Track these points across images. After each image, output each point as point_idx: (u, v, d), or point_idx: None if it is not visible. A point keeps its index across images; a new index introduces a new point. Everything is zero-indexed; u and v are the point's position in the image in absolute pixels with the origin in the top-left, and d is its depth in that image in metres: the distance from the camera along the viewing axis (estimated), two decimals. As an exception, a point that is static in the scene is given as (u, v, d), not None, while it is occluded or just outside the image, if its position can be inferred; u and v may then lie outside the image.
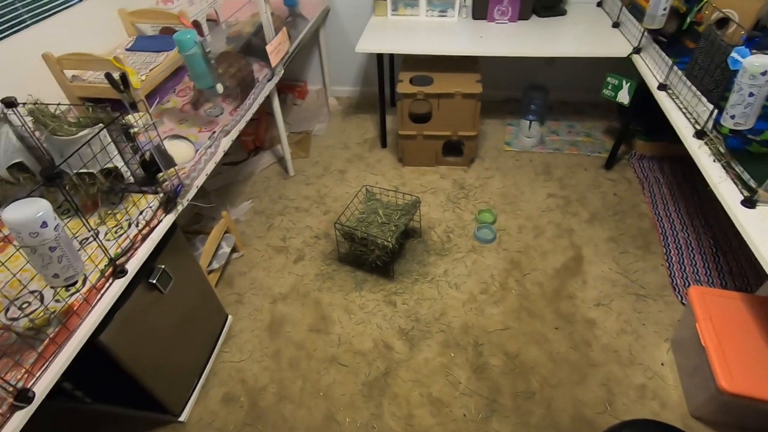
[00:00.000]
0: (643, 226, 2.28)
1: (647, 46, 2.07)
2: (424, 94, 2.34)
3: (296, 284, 2.09)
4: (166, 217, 1.39)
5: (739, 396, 1.34)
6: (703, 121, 1.54)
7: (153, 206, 1.36)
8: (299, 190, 2.62)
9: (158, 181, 1.38)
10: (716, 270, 2.03)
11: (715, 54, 1.50)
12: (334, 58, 3.24)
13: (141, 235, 1.30)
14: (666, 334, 1.83)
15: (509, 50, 2.28)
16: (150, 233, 1.33)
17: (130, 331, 1.30)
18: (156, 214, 1.36)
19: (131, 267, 1.24)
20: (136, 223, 1.31)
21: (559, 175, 2.61)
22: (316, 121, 3.16)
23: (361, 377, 1.74)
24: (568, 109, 3.13)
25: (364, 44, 2.38)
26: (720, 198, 1.38)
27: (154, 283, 1.34)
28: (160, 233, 1.35)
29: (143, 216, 1.33)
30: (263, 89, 2.09)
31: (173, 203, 1.40)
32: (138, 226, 1.31)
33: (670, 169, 2.58)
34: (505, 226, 2.32)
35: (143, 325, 1.36)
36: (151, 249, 1.32)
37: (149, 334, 1.40)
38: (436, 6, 2.60)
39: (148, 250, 1.30)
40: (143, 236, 1.30)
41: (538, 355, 1.78)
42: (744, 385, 1.34)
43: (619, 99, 2.26)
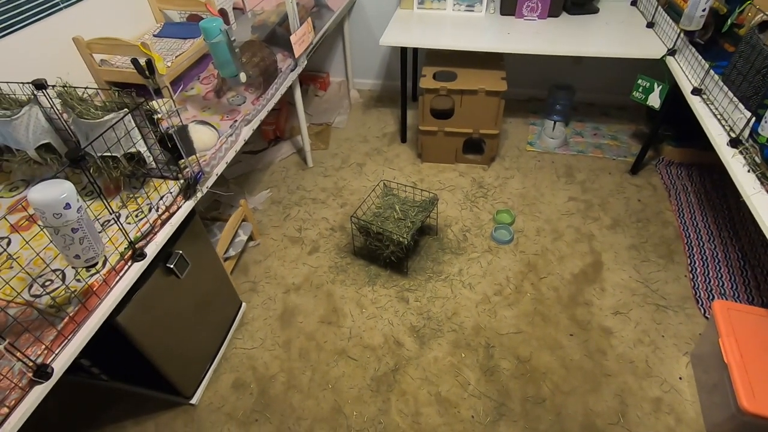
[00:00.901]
0: (667, 235, 2.21)
1: (683, 48, 1.99)
2: (447, 89, 2.31)
3: (310, 275, 2.10)
4: (186, 203, 1.40)
5: (760, 417, 1.29)
6: (738, 128, 1.48)
7: (173, 192, 1.37)
8: (317, 182, 2.62)
9: (179, 167, 1.39)
10: (743, 284, 1.95)
11: (756, 59, 1.43)
12: (357, 50, 3.22)
13: (160, 220, 1.32)
14: (685, 347, 1.77)
15: (537, 48, 2.22)
16: (169, 218, 1.34)
17: (146, 314, 1.32)
18: (176, 199, 1.38)
19: (150, 251, 1.25)
20: (156, 208, 1.33)
21: (582, 179, 2.55)
22: (336, 113, 3.16)
23: (369, 372, 1.74)
24: (595, 110, 3.04)
25: (388, 37, 2.36)
26: (753, 210, 1.32)
27: (172, 268, 1.36)
28: (179, 219, 1.37)
29: (163, 201, 1.34)
30: (286, 79, 2.09)
31: (193, 190, 1.42)
32: (158, 210, 1.32)
33: (699, 177, 2.49)
34: (523, 227, 2.28)
35: (159, 308, 1.38)
36: (170, 234, 1.34)
37: (165, 318, 1.42)
38: (464, 0, 2.55)
39: (166, 235, 1.32)
40: (162, 221, 1.32)
41: (550, 360, 1.75)
42: (766, 406, 1.29)
43: (650, 102, 2.18)
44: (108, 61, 1.85)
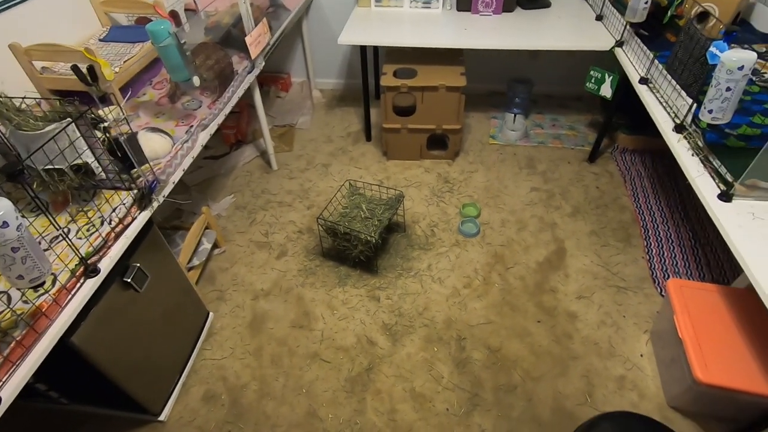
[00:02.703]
0: (624, 219, 2.30)
1: (629, 39, 2.07)
2: (408, 87, 2.32)
3: (279, 280, 2.07)
4: (141, 214, 1.35)
5: (713, 387, 1.37)
6: (682, 115, 1.55)
7: (126, 203, 1.32)
8: (282, 185, 2.58)
9: (132, 177, 1.34)
10: (695, 262, 2.06)
11: (695, 48, 1.51)
12: (317, 49, 3.18)
13: (114, 233, 1.26)
14: (645, 325, 1.85)
15: (493, 43, 2.26)
16: (124, 231, 1.29)
17: (104, 332, 1.26)
18: (130, 211, 1.32)
19: (104, 266, 1.20)
20: (109, 221, 1.27)
21: (543, 169, 2.62)
22: (299, 113, 3.12)
23: (343, 373, 1.73)
24: (553, 102, 3.13)
25: (347, 36, 2.34)
26: (697, 192, 1.39)
27: (129, 282, 1.31)
28: (135, 231, 1.32)
29: (116, 213, 1.29)
30: (243, 82, 2.04)
31: (148, 200, 1.37)
32: (111, 223, 1.27)
33: (652, 162, 2.60)
34: (489, 220, 2.32)
35: (119, 324, 1.33)
36: (126, 247, 1.28)
37: (126, 334, 1.37)
38: (421, -3, 2.57)
39: (121, 248, 1.27)
40: (116, 234, 1.27)
41: (520, 348, 1.79)
42: (719, 376, 1.36)
43: (602, 92, 2.26)
44: (50, 68, 1.75)
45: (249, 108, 2.85)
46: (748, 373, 1.37)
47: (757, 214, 1.27)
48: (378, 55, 3.01)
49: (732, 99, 1.25)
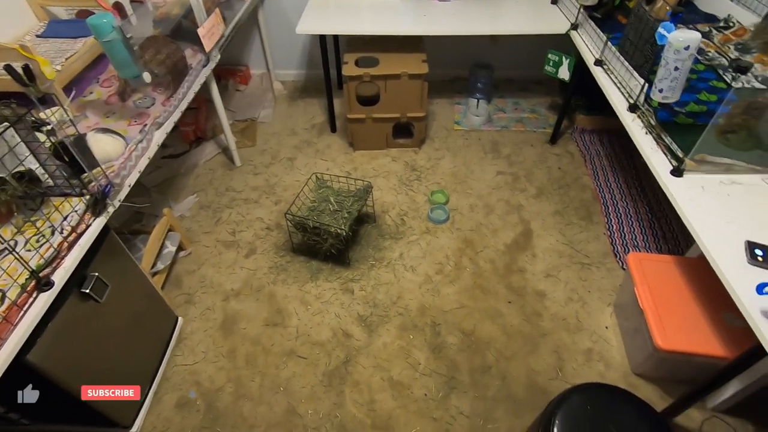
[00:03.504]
0: (585, 198, 2.38)
1: (583, 22, 2.12)
2: (371, 76, 2.29)
3: (249, 279, 2.03)
4: (96, 220, 1.28)
5: (673, 352, 1.45)
6: (635, 95, 1.61)
7: (79, 210, 1.25)
8: (247, 181, 2.52)
9: (83, 182, 1.26)
10: (652, 236, 2.16)
11: (644, 29, 1.56)
12: (275, 40, 3.09)
13: (67, 243, 1.19)
14: (609, 299, 1.94)
15: (453, 29, 2.26)
16: (77, 239, 1.22)
17: (64, 347, 1.20)
18: (83, 218, 1.25)
19: (58, 278, 1.14)
20: (61, 230, 1.20)
21: (507, 153, 2.67)
22: (260, 107, 3.03)
23: (321, 368, 1.72)
24: (514, 86, 3.18)
25: (305, 25, 2.29)
26: (652, 168, 1.45)
27: (88, 293, 1.25)
28: (90, 238, 1.25)
29: (68, 221, 1.22)
30: (198, 76, 1.96)
31: (102, 205, 1.30)
32: (63, 232, 1.20)
33: (609, 141, 2.70)
34: (457, 205, 2.35)
35: (80, 338, 1.26)
36: (81, 256, 1.22)
37: (88, 347, 1.31)
38: (378, -16, 2.53)
39: (77, 258, 1.20)
40: (70, 243, 1.20)
41: (492, 329, 1.84)
42: (677, 342, 1.44)
43: (560, 75, 2.31)
44: (-18, 68, 1.62)
45: (207, 103, 2.75)
46: (703, 337, 1.46)
47: (707, 188, 1.34)
48: (338, 44, 2.95)
49: (680, 78, 1.30)
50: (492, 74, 2.87)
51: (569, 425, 1.18)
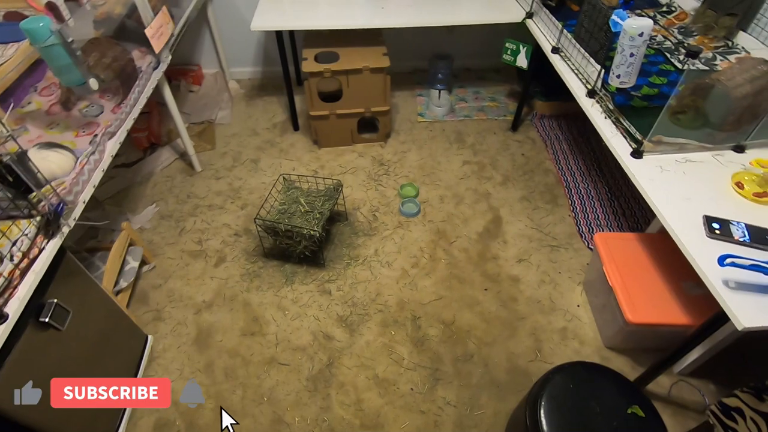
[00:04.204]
0: (549, 182, 2.46)
1: (538, 10, 2.17)
2: (332, 71, 2.25)
3: (221, 289, 1.95)
4: (50, 243, 1.19)
5: (642, 325, 1.53)
6: (593, 81, 1.66)
7: (30, 233, 1.15)
8: (209, 186, 2.41)
9: (31, 202, 1.16)
10: (613, 214, 2.26)
11: (598, 17, 1.61)
12: (228, 37, 2.97)
13: (19, 270, 1.10)
14: (578, 278, 2.01)
15: (411, 20, 2.25)
16: (31, 265, 1.13)
17: (23, 381, 1.11)
18: (35, 241, 1.15)
19: (12, 309, 1.05)
20: (10, 257, 1.10)
21: (471, 142, 2.70)
22: (217, 108, 2.91)
23: (304, 373, 1.69)
24: (473, 75, 3.22)
25: (259, 21, 2.20)
26: (613, 151, 1.50)
27: (47, 322, 1.15)
28: (45, 263, 1.15)
29: (18, 247, 1.12)
30: (150, 79, 1.85)
31: (56, 226, 1.20)
32: (13, 259, 1.10)
33: (567, 126, 2.79)
34: (428, 197, 2.36)
35: (41, 370, 1.17)
36: (36, 283, 1.12)
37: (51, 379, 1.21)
38: (332, -24, 2.47)
39: (32, 286, 1.11)
40: (22, 270, 1.10)
41: (471, 318, 1.87)
42: (645, 315, 1.52)
43: (518, 63, 2.36)
44: None
45: (159, 107, 2.61)
46: (668, 308, 1.54)
47: (664, 167, 1.41)
48: (295, 40, 2.87)
49: (636, 63, 1.36)
50: (451, 64, 2.89)
51: (555, 405, 1.22)
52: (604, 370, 1.36)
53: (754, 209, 1.28)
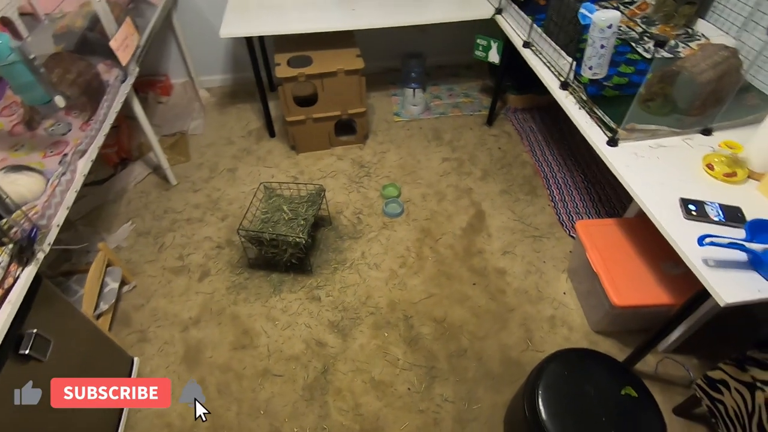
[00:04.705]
0: (527, 174, 2.50)
1: (507, 6, 2.20)
2: (306, 75, 2.22)
3: (207, 303, 1.91)
4: (24, 270, 1.13)
5: (627, 307, 1.57)
6: (565, 73, 1.70)
7: (2, 262, 1.09)
8: (187, 199, 2.35)
9: (2, 229, 1.10)
10: (590, 201, 2.32)
11: (566, 10, 1.65)
12: (195, 45, 2.90)
13: (-7, 301, 1.04)
14: (562, 266, 2.06)
15: (383, 21, 2.25)
16: (6, 296, 1.07)
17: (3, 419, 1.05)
18: (9, 270, 1.10)
19: (-11, 343, 0.99)
20: (-18, 288, 1.05)
21: (449, 138, 2.72)
22: (189, 118, 2.84)
23: (299, 382, 1.67)
24: (446, 72, 3.25)
25: (228, 28, 2.16)
26: (589, 140, 1.54)
27: (28, 354, 1.10)
28: (21, 292, 1.10)
29: (-10, 277, 1.06)
30: (118, 93, 1.78)
31: (30, 252, 1.14)
32: (-15, 290, 1.04)
33: (541, 117, 2.85)
34: (410, 196, 2.37)
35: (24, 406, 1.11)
36: (13, 314, 1.07)
37: (34, 413, 1.16)
38: (299, -21, 2.44)
39: (9, 317, 1.06)
40: (-4, 301, 1.05)
41: (462, 313, 1.88)
42: (630, 297, 1.57)
43: (490, 59, 2.39)
44: None
45: (128, 120, 2.53)
46: (651, 289, 1.60)
47: (639, 153, 1.45)
48: (265, 44, 2.83)
49: (606, 55, 1.39)
50: (424, 63, 2.91)
51: (552, 393, 1.25)
52: (595, 354, 1.39)
53: (726, 189, 1.34)
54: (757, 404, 1.23)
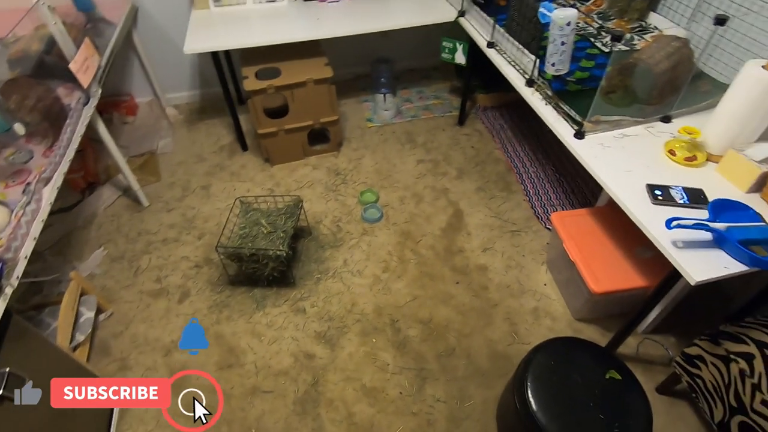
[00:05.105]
0: (501, 170, 2.55)
1: (469, 8, 2.25)
2: (275, 87, 2.21)
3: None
4: (-9, 307, 1.08)
5: (606, 293, 1.62)
6: (530, 71, 1.75)
7: (-34, 300, 1.04)
8: (161, 220, 2.30)
9: (-37, 266, 1.06)
10: (563, 192, 2.39)
11: (526, 10, 1.70)
12: (159, 62, 2.84)
13: (-40, 342, 0.99)
14: (541, 258, 2.10)
15: (349, 29, 2.26)
16: (-27, 335, 1.02)
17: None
18: (-26, 308, 1.05)
19: (-42, 387, 0.94)
20: (-53, 329, 1.00)
21: (422, 141, 2.75)
22: (157, 137, 2.78)
23: (290, 397, 1.65)
24: (415, 75, 3.28)
25: (193, 44, 2.13)
26: (558, 135, 1.59)
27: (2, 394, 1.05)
28: (-11, 330, 1.05)
29: (-45, 317, 1.01)
30: (81, 116, 1.73)
31: (-4, 287, 1.10)
32: (-49, 331, 0.99)
33: (509, 114, 2.91)
34: (388, 201, 2.38)
35: None
36: (-18, 353, 1.02)
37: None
38: (262, -9, 2.43)
39: (-23, 357, 1.01)
40: (-36, 342, 1.00)
41: (447, 312, 1.90)
42: (607, 283, 1.62)
43: (457, 60, 2.43)
44: None
45: (93, 143, 2.45)
46: (626, 274, 1.65)
47: (605, 144, 1.50)
48: (231, 58, 2.80)
49: (567, 51, 1.44)
50: (392, 67, 2.93)
51: (540, 384, 1.27)
52: (579, 342, 1.43)
53: (687, 173, 1.40)
54: (733, 376, 1.28)
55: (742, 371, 1.25)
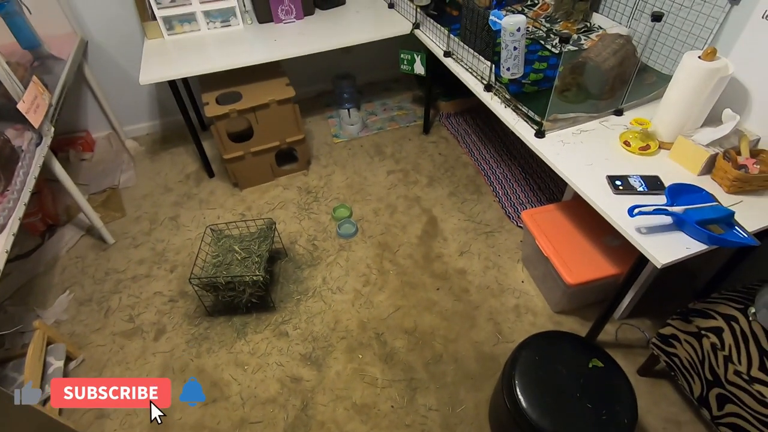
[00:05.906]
0: (470, 174, 2.60)
1: (423, 20, 2.30)
2: (237, 111, 2.19)
3: (167, 362, 1.79)
4: (-52, 368, 1.01)
5: (580, 284, 1.67)
6: (487, 77, 1.80)
7: None
8: (129, 256, 2.22)
9: None
10: (531, 191, 2.45)
11: (478, 19, 1.75)
12: (114, 95, 2.77)
13: None
14: (516, 256, 2.15)
15: (306, 49, 2.27)
16: (-71, 401, 0.95)
17: None
18: (-72, 371, 0.98)
19: None
20: None
21: (391, 151, 2.78)
22: (118, 171, 2.69)
23: (280, 425, 1.61)
24: (377, 88, 3.33)
25: (148, 74, 2.09)
26: (519, 135, 1.63)
27: (-34, 460, 0.98)
28: (-52, 393, 0.98)
29: None
30: (34, 157, 1.66)
31: (-48, 346, 1.03)
32: None
33: (472, 119, 2.98)
34: (362, 214, 2.38)
35: None
36: (-59, 419, 0.95)
37: None
38: (216, 17, 2.42)
39: (-65, 424, 0.94)
40: None
41: (431, 319, 1.91)
42: (581, 275, 1.66)
43: (416, 71, 2.48)
44: None
45: (49, 184, 2.35)
46: (598, 263, 1.70)
47: (565, 141, 1.56)
48: (190, 85, 2.76)
49: (520, 56, 1.50)
50: (354, 82, 2.96)
51: (527, 380, 1.29)
52: (560, 334, 1.46)
53: (643, 161, 1.47)
54: (706, 350, 1.34)
55: (713, 345, 1.31)
